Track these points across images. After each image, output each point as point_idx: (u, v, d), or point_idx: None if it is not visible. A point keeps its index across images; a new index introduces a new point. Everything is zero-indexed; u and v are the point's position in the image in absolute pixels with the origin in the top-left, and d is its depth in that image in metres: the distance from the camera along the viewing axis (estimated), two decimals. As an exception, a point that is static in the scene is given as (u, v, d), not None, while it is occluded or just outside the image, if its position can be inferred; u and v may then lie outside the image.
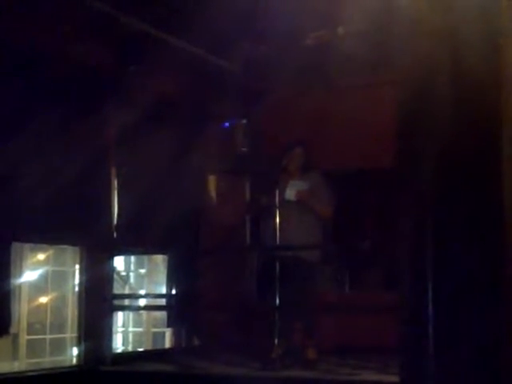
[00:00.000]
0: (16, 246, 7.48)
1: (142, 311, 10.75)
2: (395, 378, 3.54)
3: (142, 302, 9.86)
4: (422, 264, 3.18)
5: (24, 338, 10.05)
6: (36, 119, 6.57)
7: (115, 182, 7.44)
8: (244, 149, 8.46)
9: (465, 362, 3.11)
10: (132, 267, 11.71)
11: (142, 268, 11.57)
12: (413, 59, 3.31)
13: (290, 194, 6.89)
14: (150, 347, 10.84)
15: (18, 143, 6.29)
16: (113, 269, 7.75)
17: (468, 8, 3.21)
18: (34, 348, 10.33)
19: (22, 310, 9.99)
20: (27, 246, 9.70)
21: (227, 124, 8.67)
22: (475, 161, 3.16)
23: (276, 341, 6.62)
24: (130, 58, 7.42)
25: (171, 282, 8.35)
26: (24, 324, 10.05)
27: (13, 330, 7.42)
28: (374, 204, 8.65)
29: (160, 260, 10.48)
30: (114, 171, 7.44)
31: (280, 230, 6.73)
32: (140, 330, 11.32)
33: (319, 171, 7.21)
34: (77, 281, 8.67)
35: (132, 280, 11.66)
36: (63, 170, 6.72)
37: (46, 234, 6.90)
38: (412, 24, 3.33)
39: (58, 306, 10.80)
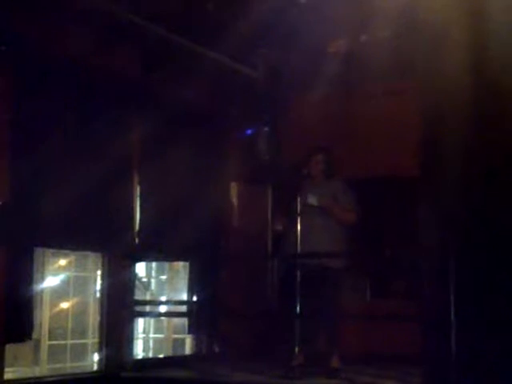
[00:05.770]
0: (38, 252, 7.50)
1: (162, 318, 10.74)
2: (418, 388, 3.54)
3: (163, 309, 9.87)
4: (445, 274, 3.16)
5: (45, 343, 10.05)
6: (60, 127, 6.62)
7: (138, 189, 7.47)
8: (266, 157, 8.45)
9: (487, 372, 3.09)
10: (153, 273, 11.71)
11: (163, 274, 11.56)
12: (437, 67, 3.30)
13: (313, 199, 6.86)
14: (170, 354, 10.81)
15: (42, 150, 6.34)
16: (134, 275, 7.77)
17: (493, 16, 3.20)
18: (55, 353, 10.34)
19: (43, 316, 10.00)
20: (49, 251, 9.72)
21: (249, 132, 8.66)
22: (501, 170, 3.13)
23: (297, 349, 6.60)
24: (154, 67, 7.45)
25: (192, 288, 8.36)
26: (45, 329, 10.05)
27: (34, 335, 7.43)
28: (397, 212, 8.60)
29: (181, 267, 10.47)
30: (136, 178, 7.47)
31: (303, 236, 6.69)
32: (161, 336, 11.28)
33: (341, 178, 7.18)
34: (98, 287, 8.68)
35: (153, 286, 11.65)
36: (87, 177, 6.76)
37: (68, 240, 6.92)
38: (437, 33, 3.31)
39: (79, 312, 10.80)
